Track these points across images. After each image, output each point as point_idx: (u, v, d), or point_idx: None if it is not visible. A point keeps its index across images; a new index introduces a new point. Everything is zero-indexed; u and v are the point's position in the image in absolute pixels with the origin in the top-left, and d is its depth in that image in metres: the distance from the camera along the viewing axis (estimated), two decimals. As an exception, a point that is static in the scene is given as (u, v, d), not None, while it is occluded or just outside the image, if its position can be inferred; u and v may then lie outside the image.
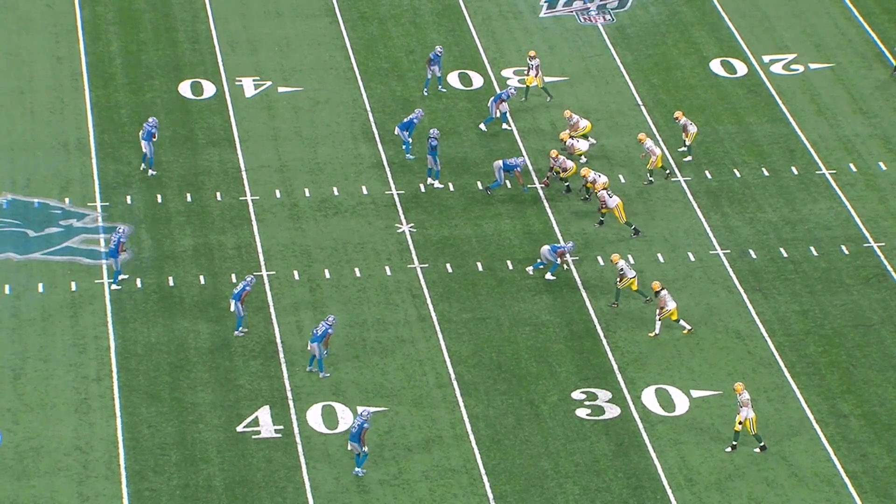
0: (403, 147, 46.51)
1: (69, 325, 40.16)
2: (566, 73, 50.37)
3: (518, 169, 44.83)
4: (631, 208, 44.46)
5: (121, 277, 41.16)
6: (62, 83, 49.33)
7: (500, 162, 44.92)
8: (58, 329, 40.02)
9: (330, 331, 38.53)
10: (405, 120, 46.53)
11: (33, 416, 37.57)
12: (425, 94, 49.32)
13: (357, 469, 35.97)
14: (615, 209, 43.38)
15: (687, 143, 46.46)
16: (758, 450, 36.92)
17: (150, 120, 45.45)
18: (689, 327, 40.37)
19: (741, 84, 50.46)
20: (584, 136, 46.37)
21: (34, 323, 40.11)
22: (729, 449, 36.94)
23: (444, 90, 49.44)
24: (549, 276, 42.02)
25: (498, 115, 47.36)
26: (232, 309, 39.93)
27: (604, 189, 43.49)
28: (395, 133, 46.73)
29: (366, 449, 35.86)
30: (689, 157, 46.43)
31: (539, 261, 42.24)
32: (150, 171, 45.44)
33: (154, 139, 45.30)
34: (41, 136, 46.95)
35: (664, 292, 40.06)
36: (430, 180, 45.41)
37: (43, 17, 52.27)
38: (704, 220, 44.59)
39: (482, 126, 47.73)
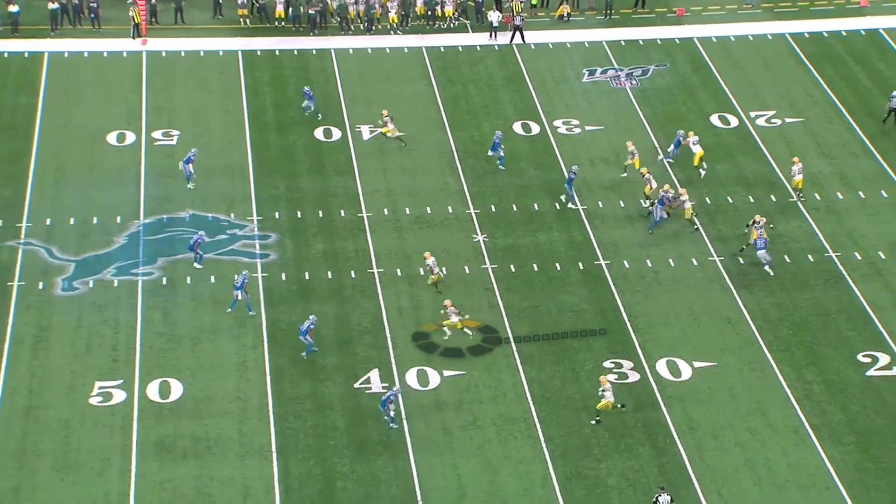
0: (498, 162, 46.79)
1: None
2: (602, 123, 50.26)
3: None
4: (645, 226, 44.24)
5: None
6: (230, 129, 49.68)
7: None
8: (224, 310, 40.33)
9: (311, 326, 38.02)
10: (496, 143, 46.82)
11: (206, 374, 37.96)
12: (319, 117, 49.25)
13: (392, 424, 35.52)
14: (687, 209, 43.62)
15: (694, 163, 46.38)
16: (594, 422, 36.14)
17: (192, 150, 45.61)
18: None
19: (734, 133, 50.12)
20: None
21: (207, 305, 40.50)
22: (594, 422, 36.18)
23: (318, 116, 49.38)
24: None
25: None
26: (240, 298, 39.39)
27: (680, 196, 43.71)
28: (490, 154, 46.93)
29: (392, 414, 35.35)
30: (703, 172, 46.30)
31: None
32: (189, 186, 45.21)
33: (191, 163, 45.13)
34: (214, 167, 47.27)
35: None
36: (569, 204, 44.98)
37: (216, 81, 52.68)
38: (705, 234, 44.35)
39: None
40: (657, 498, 33.17)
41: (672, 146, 47.45)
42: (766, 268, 41.83)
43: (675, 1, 58.99)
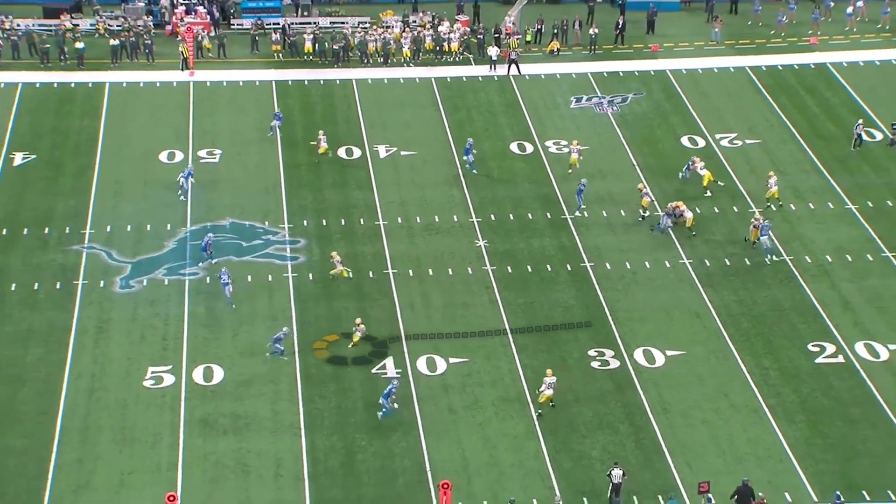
0: (467, 167, 46.60)
1: (266, 302, 40.46)
2: (588, 144, 50.06)
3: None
4: (627, 235, 44.09)
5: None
6: (264, 148, 49.57)
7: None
8: (259, 305, 40.36)
9: (282, 336, 37.69)
10: (467, 148, 46.82)
11: (244, 360, 37.96)
12: (270, 134, 49.13)
13: (382, 411, 34.89)
14: (689, 219, 43.52)
15: (703, 184, 46.13)
16: (538, 413, 35.32)
17: (188, 167, 45.41)
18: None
19: (700, 152, 49.91)
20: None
21: (245, 301, 40.47)
22: (535, 414, 35.44)
23: (272, 135, 49.11)
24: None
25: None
26: (229, 293, 39.58)
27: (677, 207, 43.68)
28: (464, 158, 46.79)
29: (396, 406, 35.06)
30: (709, 192, 46.15)
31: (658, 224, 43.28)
32: (183, 198, 44.63)
33: (191, 179, 45.03)
34: (251, 181, 47.29)
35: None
36: (577, 212, 44.79)
37: (252, 107, 52.62)
38: (676, 240, 44.26)
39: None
40: (610, 472, 32.88)
41: (684, 168, 47.27)
42: (768, 257, 41.55)
43: (650, 38, 59.02)
